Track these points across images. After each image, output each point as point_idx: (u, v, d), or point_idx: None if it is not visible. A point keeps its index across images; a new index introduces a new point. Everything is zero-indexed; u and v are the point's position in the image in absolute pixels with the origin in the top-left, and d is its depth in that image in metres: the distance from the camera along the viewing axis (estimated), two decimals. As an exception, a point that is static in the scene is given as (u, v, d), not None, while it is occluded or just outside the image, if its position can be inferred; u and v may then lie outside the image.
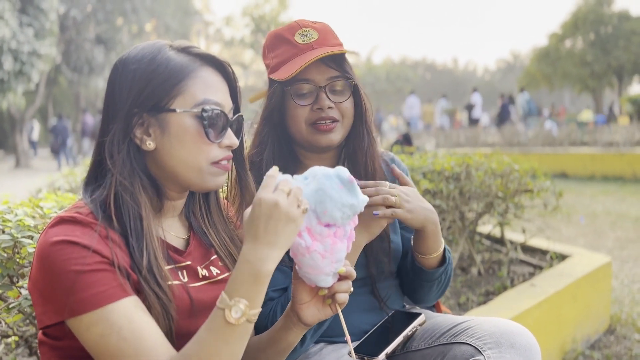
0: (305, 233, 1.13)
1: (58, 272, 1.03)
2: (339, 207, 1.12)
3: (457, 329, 1.54)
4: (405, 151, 4.19)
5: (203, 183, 1.23)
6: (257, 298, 1.03)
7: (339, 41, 1.64)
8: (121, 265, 1.08)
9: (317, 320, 1.23)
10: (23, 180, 7.91)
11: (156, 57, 1.19)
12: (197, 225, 1.34)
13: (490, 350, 1.39)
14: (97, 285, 1.03)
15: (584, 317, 3.35)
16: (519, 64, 73.29)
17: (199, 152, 1.19)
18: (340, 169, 1.15)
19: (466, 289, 3.36)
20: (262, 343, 1.33)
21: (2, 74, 16.17)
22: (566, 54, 32.90)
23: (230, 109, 1.25)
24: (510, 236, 4.21)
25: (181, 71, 1.19)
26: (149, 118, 1.17)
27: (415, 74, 57.82)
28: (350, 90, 1.60)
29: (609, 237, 6.44)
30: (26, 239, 1.62)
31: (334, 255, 1.15)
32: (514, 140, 15.47)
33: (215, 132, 1.20)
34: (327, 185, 1.12)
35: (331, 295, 1.20)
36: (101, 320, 1.03)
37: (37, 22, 17.42)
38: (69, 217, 1.09)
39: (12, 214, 1.75)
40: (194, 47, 1.25)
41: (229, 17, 42.39)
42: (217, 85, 1.24)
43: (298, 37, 1.58)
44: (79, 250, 1.04)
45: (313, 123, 1.57)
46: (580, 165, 12.36)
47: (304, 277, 1.17)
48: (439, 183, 3.05)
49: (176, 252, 1.25)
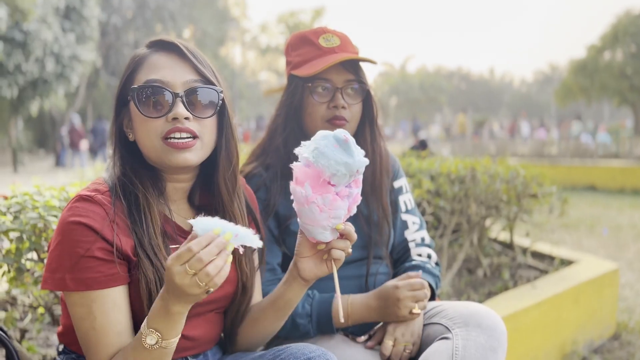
0: (308, 184, 1.21)
1: (67, 250, 1.20)
2: (333, 164, 1.19)
3: (432, 311, 1.68)
4: (419, 155, 4.31)
5: (162, 161, 1.29)
6: (169, 332, 1.12)
7: (357, 50, 1.80)
8: (122, 249, 1.23)
9: (314, 276, 1.33)
10: (61, 179, 8.30)
11: (131, 58, 1.36)
12: (203, 206, 1.43)
13: (458, 329, 1.52)
14: (92, 270, 1.19)
15: (587, 322, 3.40)
16: (557, 76, 71.87)
17: (146, 130, 1.27)
18: (338, 130, 1.24)
19: (469, 289, 3.46)
20: (263, 302, 1.47)
21: (46, 75, 16.88)
22: (604, 67, 32.22)
23: (184, 82, 1.28)
24: (520, 242, 4.27)
25: (135, 63, 1.33)
26: (127, 113, 1.34)
27: (450, 83, 57.41)
28: (362, 95, 1.75)
29: (630, 249, 6.38)
30: (52, 217, 1.82)
31: (332, 210, 1.22)
32: (544, 151, 15.30)
33: (151, 106, 1.26)
34: (322, 144, 1.21)
35: (328, 250, 1.29)
36: (84, 304, 1.20)
37: (78, 27, 18.16)
38: (87, 196, 1.25)
39: (40, 195, 1.96)
40: (155, 39, 1.36)
41: (264, 25, 42.98)
42: (163, 64, 1.30)
43: (322, 40, 1.74)
44: (88, 234, 1.20)
45: (329, 120, 1.73)
46: (609, 178, 12.17)
47: (304, 228, 1.27)
48: (443, 184, 3.16)
49: (183, 233, 1.38)
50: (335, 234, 1.28)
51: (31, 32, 15.33)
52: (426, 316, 1.68)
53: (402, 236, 1.89)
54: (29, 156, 22.55)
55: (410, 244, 1.88)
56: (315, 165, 1.21)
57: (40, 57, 16.30)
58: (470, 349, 1.44)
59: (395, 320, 1.62)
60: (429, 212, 3.17)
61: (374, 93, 1.82)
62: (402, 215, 1.89)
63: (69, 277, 1.19)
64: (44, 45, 16.12)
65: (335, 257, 1.28)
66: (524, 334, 2.85)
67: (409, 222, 1.89)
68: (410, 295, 1.59)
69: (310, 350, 1.29)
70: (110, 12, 24.94)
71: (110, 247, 1.21)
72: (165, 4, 26.69)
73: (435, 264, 1.86)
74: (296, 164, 1.27)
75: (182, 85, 1.28)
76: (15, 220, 1.84)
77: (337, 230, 1.27)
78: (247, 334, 1.49)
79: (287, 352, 1.32)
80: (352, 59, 1.68)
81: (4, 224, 1.80)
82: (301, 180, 1.24)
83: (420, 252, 1.87)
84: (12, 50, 15.34)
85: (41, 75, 16.79)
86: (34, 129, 30.41)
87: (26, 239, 1.82)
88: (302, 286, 1.37)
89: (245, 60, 51.98)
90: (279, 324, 1.47)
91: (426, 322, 1.66)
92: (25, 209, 1.87)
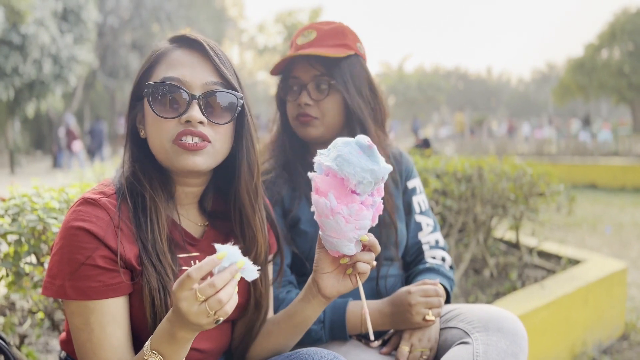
0: (332, 195, 1.14)
1: (67, 256, 1.13)
2: (359, 172, 1.12)
3: (448, 315, 1.62)
4: (424, 154, 4.26)
5: (171, 163, 1.21)
6: (173, 356, 1.05)
7: (343, 42, 1.69)
8: (126, 257, 1.16)
9: (336, 293, 1.25)
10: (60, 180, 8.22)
11: (152, 51, 1.28)
12: (214, 211, 1.37)
13: (478, 333, 1.46)
14: (92, 279, 1.13)
15: (596, 322, 3.35)
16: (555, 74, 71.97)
17: (157, 130, 1.19)
18: (360, 137, 1.16)
19: (477, 289, 3.41)
20: (278, 316, 1.39)
21: (43, 77, 16.81)
22: (602, 65, 32.27)
23: (204, 84, 1.20)
24: (526, 241, 4.22)
25: (155, 57, 1.25)
26: (141, 108, 1.26)
27: (448, 83, 57.46)
28: (328, 89, 1.65)
29: (634, 247, 6.34)
30: (52, 220, 1.76)
31: (358, 221, 1.14)
32: (544, 150, 15.28)
33: (166, 106, 1.18)
34: (344, 151, 1.14)
35: (352, 264, 1.20)
36: (82, 314, 1.14)
37: (76, 29, 18.08)
38: (92, 199, 1.18)
39: (39, 197, 1.90)
40: (179, 34, 1.28)
41: (262, 25, 42.89)
42: (184, 61, 1.22)
43: (300, 37, 1.69)
44: (90, 240, 1.13)
45: (296, 117, 1.69)
46: (610, 176, 12.15)
47: (327, 242, 1.18)
48: (449, 183, 3.11)
49: (191, 240, 1.31)
50: (359, 247, 1.19)
51: (29, 35, 15.26)
52: (442, 320, 1.62)
53: (415, 238, 1.83)
54: (26, 158, 22.47)
55: (424, 246, 1.82)
56: (340, 174, 1.13)
57: (37, 58, 16.23)
58: (492, 354, 1.38)
59: (410, 327, 1.56)
60: (436, 211, 3.11)
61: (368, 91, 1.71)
62: (416, 217, 1.83)
63: (68, 285, 1.12)
64: (42, 47, 16.04)
65: (361, 270, 1.20)
66: (534, 335, 2.80)
67: (423, 223, 1.83)
68: (423, 301, 1.53)
69: (321, 355, 1.23)
70: (107, 13, 24.85)
71: (113, 255, 1.15)
72: (162, 4, 26.59)
73: (449, 267, 1.81)
74: (315, 174, 1.18)
75: (200, 87, 1.20)
76: (13, 222, 1.78)
77: (361, 242, 1.19)
78: (259, 348, 1.41)
79: (297, 356, 1.26)
80: (310, 54, 1.61)
81: (1, 226, 1.73)
82: (323, 191, 1.15)
83: (434, 255, 1.81)
84: (9, 53, 15.27)
85: (38, 77, 16.72)
86: (31, 131, 30.29)
87: (25, 242, 1.76)
88: (323, 303, 1.29)
89: (242, 61, 51.93)
90: (294, 340, 1.39)
91: (443, 326, 1.60)
92: (24, 211, 1.80)
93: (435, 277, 1.71)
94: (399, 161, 1.86)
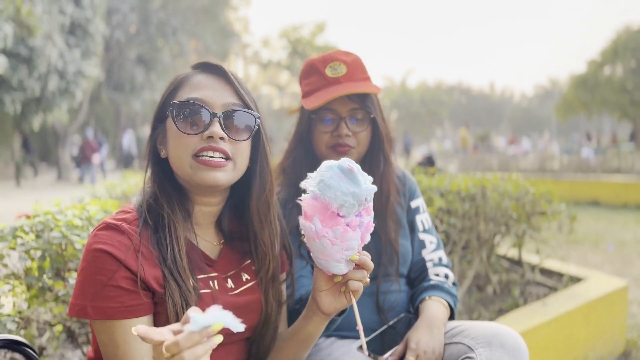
0: (317, 219, 1.17)
1: (90, 277, 1.19)
2: (340, 195, 1.15)
3: (453, 331, 1.70)
4: (428, 172, 4.34)
5: (192, 179, 1.28)
6: None
7: (367, 75, 1.82)
8: (146, 280, 1.21)
9: (334, 310, 1.29)
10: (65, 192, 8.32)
11: (175, 77, 1.39)
12: (232, 232, 1.43)
13: (482, 349, 1.54)
14: (113, 300, 1.18)
15: (597, 339, 3.40)
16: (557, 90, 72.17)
17: (179, 146, 1.28)
18: (342, 160, 1.20)
19: (480, 306, 3.47)
20: (285, 333, 1.46)
21: (48, 93, 16.92)
22: (605, 81, 32.42)
23: (224, 104, 1.30)
24: (529, 258, 4.28)
25: (178, 81, 1.36)
26: (162, 129, 1.35)
27: (451, 97, 57.66)
28: (368, 122, 1.80)
29: (636, 265, 6.37)
30: (75, 236, 1.85)
31: (344, 242, 1.17)
32: (547, 166, 15.33)
33: (188, 123, 1.27)
34: (326, 175, 1.18)
35: (345, 282, 1.24)
36: (107, 331, 1.20)
37: (83, 43, 18.27)
38: (114, 224, 1.24)
39: (62, 214, 1.99)
40: (201, 61, 1.39)
41: (266, 40, 43.22)
42: (206, 84, 1.32)
43: (329, 70, 1.78)
44: (111, 262, 1.19)
45: (332, 146, 1.79)
46: (612, 194, 12.18)
47: (317, 262, 1.23)
48: (453, 202, 3.19)
49: (208, 261, 1.37)
50: (351, 265, 1.22)
51: (36, 48, 15.39)
52: (447, 335, 1.70)
53: (419, 255, 1.91)
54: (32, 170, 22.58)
55: (428, 263, 1.90)
56: (322, 198, 1.18)
57: (43, 74, 16.33)
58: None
59: None
60: (440, 229, 3.18)
61: (386, 117, 1.86)
62: (420, 235, 1.92)
63: (90, 305, 1.18)
64: (48, 62, 16.16)
65: (353, 288, 1.23)
66: (536, 352, 2.85)
67: (426, 241, 1.92)
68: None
69: None
70: (114, 27, 25.13)
71: (134, 276, 1.20)
72: (168, 19, 26.89)
73: (452, 284, 1.88)
74: (304, 198, 1.23)
75: (221, 107, 1.30)
76: (37, 239, 1.87)
77: (352, 261, 1.22)
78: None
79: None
80: (353, 93, 1.72)
81: (27, 243, 1.82)
82: (309, 215, 1.20)
83: (437, 272, 1.89)
84: (17, 65, 15.38)
85: (44, 93, 16.79)
86: (36, 143, 30.48)
87: (48, 257, 1.84)
88: (323, 320, 1.35)
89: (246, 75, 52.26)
90: (302, 355, 1.45)
91: (447, 341, 1.67)
92: (47, 227, 1.89)
93: (439, 294, 1.78)
94: (403, 182, 1.98)
